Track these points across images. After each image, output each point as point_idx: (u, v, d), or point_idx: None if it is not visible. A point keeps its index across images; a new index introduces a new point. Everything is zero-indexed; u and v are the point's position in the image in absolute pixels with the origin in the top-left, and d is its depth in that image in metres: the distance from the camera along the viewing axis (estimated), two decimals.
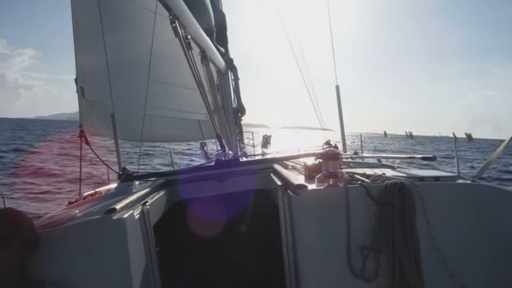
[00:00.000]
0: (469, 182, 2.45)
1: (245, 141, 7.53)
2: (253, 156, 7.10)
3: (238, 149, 6.10)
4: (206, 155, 6.95)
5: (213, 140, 7.40)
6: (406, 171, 2.80)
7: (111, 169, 4.74)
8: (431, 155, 2.84)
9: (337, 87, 4.94)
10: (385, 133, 5.26)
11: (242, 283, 3.68)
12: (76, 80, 4.98)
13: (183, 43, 3.39)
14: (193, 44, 3.76)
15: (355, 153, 4.20)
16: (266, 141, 7.46)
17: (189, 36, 3.57)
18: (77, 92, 5.02)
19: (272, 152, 7.20)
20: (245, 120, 7.05)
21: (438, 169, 3.08)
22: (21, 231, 1.99)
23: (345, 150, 4.82)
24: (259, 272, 3.61)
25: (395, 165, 3.29)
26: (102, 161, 4.77)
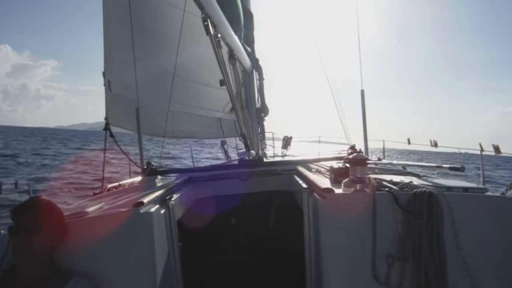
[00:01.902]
0: (498, 195, 2.40)
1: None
2: (273, 157, 7.11)
3: (260, 149, 6.11)
4: (226, 153, 6.97)
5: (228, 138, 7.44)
6: (433, 180, 2.77)
7: (133, 162, 4.78)
8: (459, 166, 2.80)
9: (362, 92, 4.88)
10: (408, 140, 5.17)
11: (261, 282, 3.69)
12: (103, 73, 5.04)
13: (214, 42, 3.41)
14: (222, 43, 3.78)
15: (379, 159, 4.17)
16: (286, 143, 7.48)
17: (219, 35, 3.59)
18: (104, 85, 5.07)
19: (292, 154, 7.20)
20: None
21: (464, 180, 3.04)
22: (51, 220, 2.03)
23: (367, 155, 4.78)
24: (280, 273, 3.61)
25: (421, 174, 3.26)
26: (125, 154, 4.81)
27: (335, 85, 5.76)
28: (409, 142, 5.22)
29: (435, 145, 4.51)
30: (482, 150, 3.73)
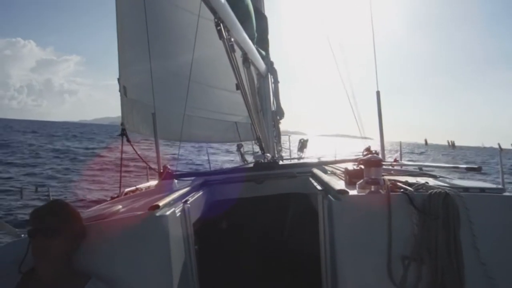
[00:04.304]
0: None
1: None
2: (289, 160, 7.11)
3: (276, 152, 6.11)
4: (242, 156, 6.98)
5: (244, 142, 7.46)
6: (450, 181, 2.73)
7: (150, 167, 4.83)
8: (476, 166, 2.77)
9: (378, 93, 4.87)
10: (425, 141, 5.12)
11: (277, 284, 3.69)
12: (118, 79, 5.10)
13: (227, 46, 3.43)
14: (235, 47, 3.80)
15: (395, 160, 4.14)
16: (302, 145, 7.46)
17: (232, 39, 3.62)
18: (119, 91, 5.13)
19: (308, 156, 7.19)
20: (281, 127, 7.08)
21: (482, 180, 3.00)
22: (70, 223, 2.07)
23: (384, 157, 4.74)
24: (295, 274, 3.61)
25: (437, 175, 3.22)
26: (142, 159, 4.87)
27: (349, 82, 5.73)
28: (426, 143, 5.18)
29: (453, 145, 4.46)
30: (501, 150, 3.67)
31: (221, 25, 3.30)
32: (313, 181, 3.23)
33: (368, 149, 3.84)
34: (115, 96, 5.12)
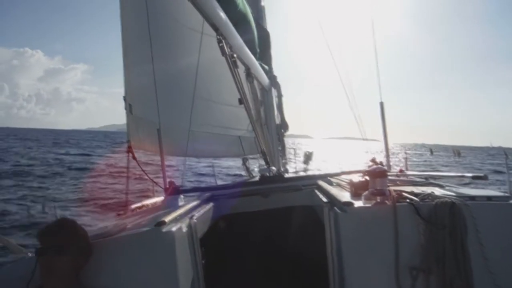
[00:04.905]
0: None
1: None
2: (295, 172, 7.11)
3: (281, 165, 6.12)
4: (248, 170, 6.98)
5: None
6: (456, 190, 2.73)
7: (156, 183, 4.84)
8: (482, 174, 2.77)
9: (381, 104, 4.88)
10: (431, 151, 5.10)
11: None
12: (124, 97, 5.14)
13: (230, 62, 3.46)
14: (238, 62, 3.83)
15: (401, 170, 4.13)
16: (307, 158, 7.47)
17: (235, 55, 3.65)
18: (125, 109, 5.16)
19: (314, 168, 7.20)
20: (289, 131, 7.10)
21: (489, 189, 2.98)
22: (77, 240, 2.09)
23: (389, 168, 4.73)
24: (303, 287, 3.59)
25: (444, 184, 3.21)
26: (147, 175, 4.88)
27: (350, 88, 5.76)
28: (431, 153, 5.18)
29: (458, 154, 4.45)
30: (507, 157, 3.66)
31: (223, 41, 3.34)
32: (318, 193, 3.24)
33: (373, 160, 3.84)
34: (121, 103, 5.15)
